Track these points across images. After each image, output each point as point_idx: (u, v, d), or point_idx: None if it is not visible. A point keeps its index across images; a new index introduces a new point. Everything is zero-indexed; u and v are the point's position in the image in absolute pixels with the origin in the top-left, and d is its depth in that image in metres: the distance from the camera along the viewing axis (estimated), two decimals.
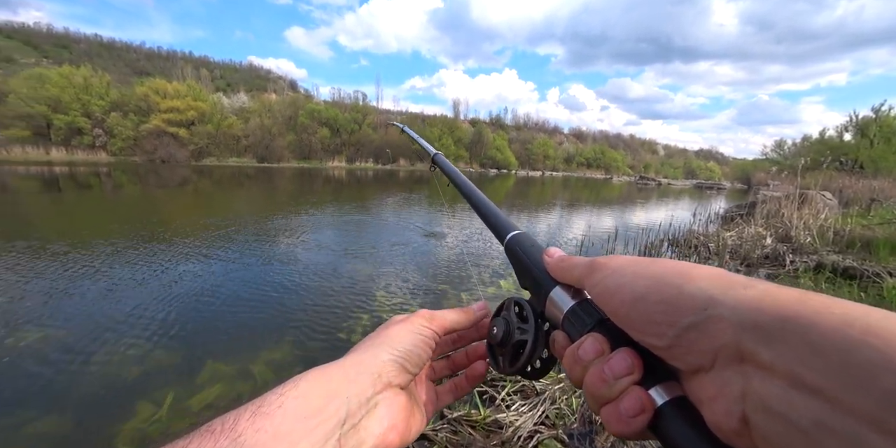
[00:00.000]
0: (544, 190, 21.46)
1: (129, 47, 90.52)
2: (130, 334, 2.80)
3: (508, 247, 0.42)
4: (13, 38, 73.57)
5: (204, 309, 3.30)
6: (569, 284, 0.32)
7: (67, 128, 28.16)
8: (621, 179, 48.49)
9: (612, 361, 0.24)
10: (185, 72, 50.07)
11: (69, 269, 4.13)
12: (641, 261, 0.27)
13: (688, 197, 22.42)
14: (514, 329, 0.35)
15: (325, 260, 4.96)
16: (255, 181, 18.13)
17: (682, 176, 70.60)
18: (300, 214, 8.43)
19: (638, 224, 9.47)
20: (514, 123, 69.21)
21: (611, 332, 0.26)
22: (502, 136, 53.00)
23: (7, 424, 1.91)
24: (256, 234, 6.22)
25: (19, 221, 6.82)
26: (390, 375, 0.31)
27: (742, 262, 5.42)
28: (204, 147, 31.90)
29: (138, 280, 3.90)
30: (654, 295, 0.23)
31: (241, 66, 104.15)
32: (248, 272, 4.31)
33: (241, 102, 40.07)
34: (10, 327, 2.82)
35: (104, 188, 12.80)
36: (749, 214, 8.44)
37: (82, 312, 3.12)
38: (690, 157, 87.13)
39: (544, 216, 10.20)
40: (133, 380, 2.29)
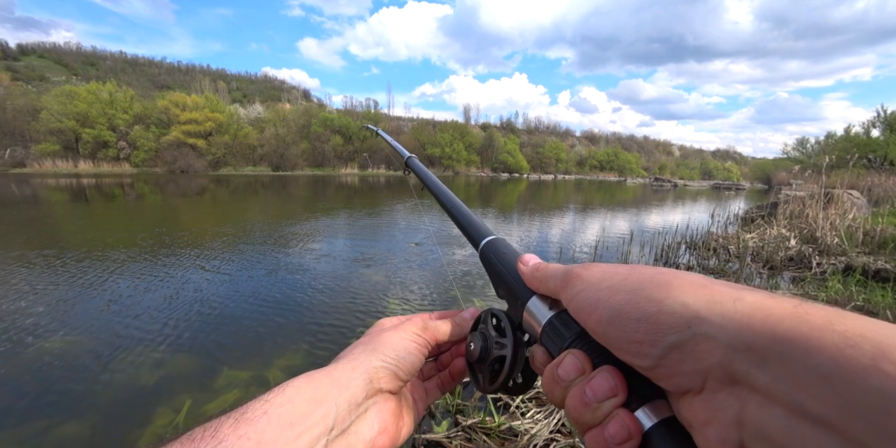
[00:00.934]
0: (556, 193, 21.26)
1: (151, 62, 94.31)
2: (150, 340, 2.87)
3: (483, 254, 0.40)
4: (45, 58, 77.77)
5: (220, 315, 3.36)
6: (545, 294, 0.30)
7: (94, 141, 29.41)
8: (635, 181, 47.66)
9: (594, 382, 0.23)
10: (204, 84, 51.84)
11: (94, 276, 4.28)
12: (619, 271, 0.25)
13: (705, 198, 21.87)
14: (491, 345, 0.33)
15: (338, 266, 5.01)
16: (270, 189, 18.52)
17: (698, 177, 69.01)
18: (313, 221, 8.56)
19: (654, 226, 9.27)
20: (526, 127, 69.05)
21: (592, 348, 0.25)
22: (513, 139, 52.89)
23: (37, 428, 1.97)
24: (271, 242, 6.33)
25: (50, 231, 7.12)
26: (382, 382, 0.31)
27: (765, 264, 5.24)
28: (221, 157, 32.81)
29: (158, 287, 4.01)
30: (632, 312, 0.21)
31: (257, 77, 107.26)
32: (262, 279, 4.38)
33: (256, 113, 41.17)
34: (38, 333, 2.93)
35: (127, 198, 13.27)
36: (771, 215, 8.17)
37: (105, 319, 3.22)
38: (707, 157, 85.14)
39: (557, 220, 10.09)
40: (152, 385, 2.34)
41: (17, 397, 2.21)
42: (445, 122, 50.12)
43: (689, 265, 5.38)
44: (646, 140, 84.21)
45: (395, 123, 48.93)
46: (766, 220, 7.81)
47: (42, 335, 2.90)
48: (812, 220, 6.26)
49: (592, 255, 5.22)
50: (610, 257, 5.73)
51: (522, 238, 7.29)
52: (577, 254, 5.95)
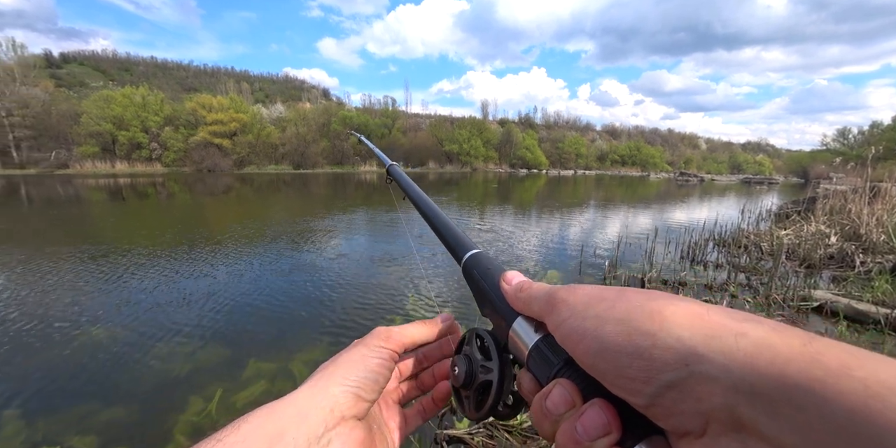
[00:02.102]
0: (576, 189, 20.83)
1: (180, 66, 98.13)
2: (182, 331, 3.01)
3: (466, 269, 0.38)
4: (85, 65, 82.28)
5: (246, 308, 3.48)
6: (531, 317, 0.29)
7: (129, 143, 30.92)
8: (659, 176, 46.10)
9: (585, 418, 0.21)
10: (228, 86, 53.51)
11: (130, 270, 4.51)
12: (605, 296, 0.23)
13: (734, 193, 20.93)
14: (476, 368, 0.31)
15: (358, 263, 5.08)
16: (291, 187, 18.99)
17: (727, 171, 66.02)
18: (334, 218, 8.72)
19: (679, 222, 8.95)
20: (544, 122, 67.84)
21: (581, 378, 0.23)
22: (532, 135, 52.11)
23: (83, 412, 2.10)
24: (294, 239, 6.49)
25: (92, 228, 7.56)
26: (343, 408, 0.28)
27: (801, 262, 4.97)
28: (245, 156, 33.85)
29: (189, 280, 4.19)
30: (623, 345, 0.20)
31: (278, 77, 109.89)
32: (286, 274, 4.50)
33: (278, 112, 42.18)
34: (81, 324, 3.12)
35: (159, 197, 13.91)
36: (808, 211, 7.73)
37: (142, 310, 3.39)
38: (736, 150, 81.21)
39: (577, 216, 9.89)
40: (185, 375, 2.45)
41: (67, 381, 2.37)
42: (463, 119, 49.89)
43: (717, 263, 5.17)
44: (670, 133, 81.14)
45: (413, 120, 49.02)
46: (803, 215, 7.40)
47: (87, 325, 3.09)
48: (856, 215, 5.88)
49: (615, 255, 5.09)
50: (633, 255, 5.57)
51: (541, 236, 7.19)
52: (599, 251, 5.81)
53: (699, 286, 4.13)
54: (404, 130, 43.70)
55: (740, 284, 4.23)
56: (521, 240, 6.66)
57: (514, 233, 7.29)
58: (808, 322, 3.29)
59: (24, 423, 2.02)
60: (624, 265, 4.92)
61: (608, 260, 4.91)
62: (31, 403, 2.17)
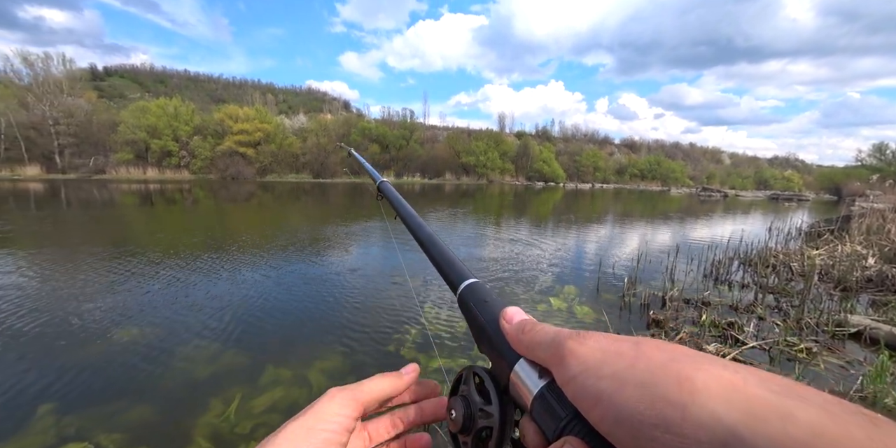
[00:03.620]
0: (594, 203, 20.56)
1: (210, 79, 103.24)
2: (204, 334, 3.09)
3: (462, 300, 0.35)
4: (125, 77, 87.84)
5: (267, 314, 3.55)
6: None
7: (160, 150, 32.45)
8: (680, 191, 45.00)
9: None
10: (254, 97, 55.86)
11: (156, 271, 4.68)
12: (622, 351, 0.21)
13: (761, 210, 20.20)
14: (475, 412, 0.29)
15: (375, 272, 5.13)
16: (311, 196, 19.44)
17: (752, 186, 63.90)
18: (352, 226, 8.85)
19: (701, 239, 8.68)
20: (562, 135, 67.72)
21: (594, 438, 0.21)
22: (549, 148, 51.99)
23: (111, 410, 2.18)
24: (313, 246, 6.62)
25: (123, 230, 7.92)
26: None
27: (837, 285, 4.72)
28: (267, 165, 34.95)
29: (211, 283, 4.31)
30: (647, 415, 0.17)
31: (301, 90, 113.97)
32: (305, 281, 4.58)
33: (300, 123, 43.60)
34: (111, 324, 3.24)
35: (185, 202, 14.48)
36: (842, 230, 7.39)
37: (166, 312, 3.51)
38: (762, 165, 78.69)
39: (594, 231, 9.73)
40: (206, 377, 2.51)
41: (98, 379, 2.46)
42: (480, 131, 50.28)
43: (743, 283, 4.97)
44: (692, 147, 79.54)
45: (431, 132, 49.75)
46: (837, 235, 7.07)
47: (116, 324, 3.21)
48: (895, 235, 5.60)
49: (634, 272, 4.97)
50: (653, 272, 5.43)
51: (557, 250, 7.10)
52: (618, 267, 5.69)
53: (724, 307, 3.98)
54: (422, 142, 44.34)
55: (768, 306, 4.05)
56: (536, 253, 6.60)
57: (530, 246, 7.23)
58: (844, 349, 3.11)
59: (56, 418, 2.10)
60: (643, 282, 4.79)
61: (627, 276, 4.79)
62: (64, 399, 2.26)
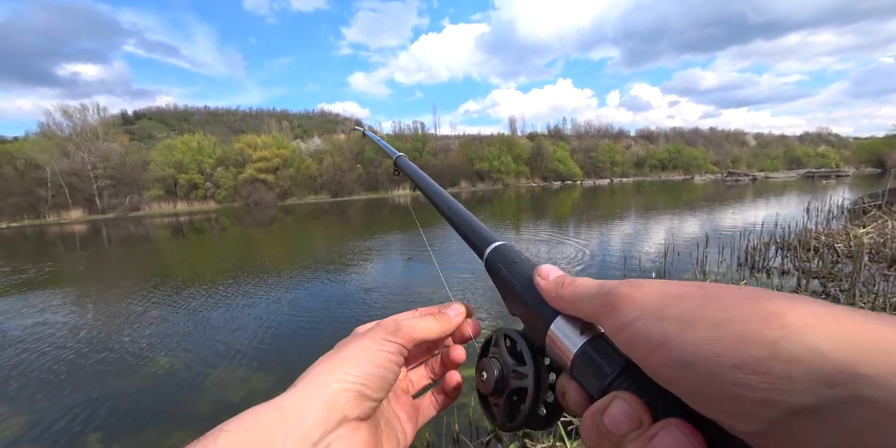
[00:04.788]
0: (614, 198, 20.04)
1: (228, 111, 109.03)
2: (235, 359, 3.17)
3: (489, 263, 0.34)
4: (152, 119, 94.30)
5: (293, 335, 3.62)
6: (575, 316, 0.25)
7: (187, 184, 34.26)
8: (704, 178, 43.28)
9: (660, 442, 0.17)
10: (270, 125, 58.32)
11: (188, 300, 4.88)
12: (687, 292, 0.19)
13: (795, 190, 19.12)
14: (508, 374, 0.28)
15: (398, 285, 5.16)
16: (330, 215, 19.91)
17: (783, 167, 60.67)
18: (371, 242, 8.97)
19: (733, 226, 8.27)
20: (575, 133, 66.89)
21: (647, 391, 0.19)
22: (563, 146, 51.40)
23: (151, 437, 2.26)
24: (335, 263, 6.74)
25: (158, 263, 8.35)
26: (345, 408, 0.25)
27: (891, 265, 4.37)
28: (287, 188, 36.17)
29: (240, 308, 4.45)
30: (726, 355, 0.15)
31: (314, 113, 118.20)
32: (330, 299, 4.65)
33: (315, 146, 45.06)
34: (150, 352, 3.39)
35: (213, 231, 15.13)
36: (890, 204, 6.88)
37: (200, 338, 3.64)
38: (792, 143, 74.64)
39: (617, 226, 9.46)
40: (239, 400, 2.57)
41: (140, 406, 2.57)
42: (492, 136, 50.39)
43: (783, 269, 4.68)
44: (712, 132, 76.59)
45: (443, 142, 50.23)
46: (885, 210, 6.59)
47: (155, 353, 3.36)
48: None
49: (662, 265, 4.77)
50: (683, 264, 5.19)
51: (580, 249, 6.92)
52: (644, 261, 5.48)
53: None
54: (434, 152, 44.82)
55: (814, 292, 3.79)
56: (559, 254, 6.46)
57: (552, 246, 7.09)
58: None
59: (104, 446, 2.19)
60: (673, 275, 4.59)
61: (655, 270, 4.61)
62: (110, 427, 2.37)
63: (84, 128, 34.58)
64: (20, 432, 2.38)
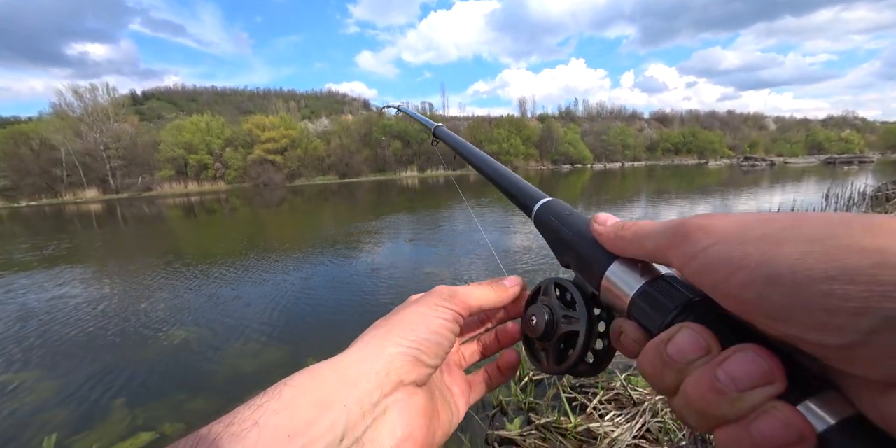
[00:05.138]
0: (624, 183, 19.70)
1: (236, 92, 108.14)
2: (248, 333, 3.28)
3: (539, 218, 0.34)
4: (161, 99, 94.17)
5: (304, 311, 3.71)
6: (632, 258, 0.25)
7: (197, 164, 34.53)
8: (719, 163, 42.10)
9: (733, 364, 0.16)
10: (278, 106, 57.83)
11: (202, 277, 5.01)
12: (774, 216, 0.18)
13: (814, 176, 18.53)
14: (558, 318, 0.29)
15: (407, 265, 5.22)
16: (338, 196, 19.97)
17: (803, 152, 58.61)
18: (380, 223, 9.02)
19: (748, 211, 8.09)
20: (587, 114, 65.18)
21: (714, 321, 0.19)
22: (574, 129, 50.23)
23: (171, 404, 2.38)
24: (343, 244, 6.81)
25: (171, 241, 8.55)
26: (401, 372, 0.25)
27: None
28: (295, 169, 36.24)
29: (252, 285, 4.56)
30: (819, 268, 0.14)
31: (322, 93, 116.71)
32: (337, 278, 4.73)
33: (323, 126, 44.73)
34: (167, 326, 3.52)
35: (223, 211, 15.34)
36: None
37: (214, 314, 3.75)
38: (815, 127, 71.67)
39: (627, 211, 9.34)
40: (252, 372, 2.67)
41: (160, 376, 2.70)
42: (501, 118, 49.34)
43: None
44: (730, 115, 73.76)
45: (451, 123, 49.45)
46: None
47: (172, 326, 3.49)
48: None
49: None
50: None
51: None
52: None
53: None
54: None
55: None
56: None
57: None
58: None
59: (128, 410, 2.33)
60: None
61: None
62: (133, 394, 2.50)
63: (95, 108, 34.70)
64: (49, 397, 2.52)
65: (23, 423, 2.27)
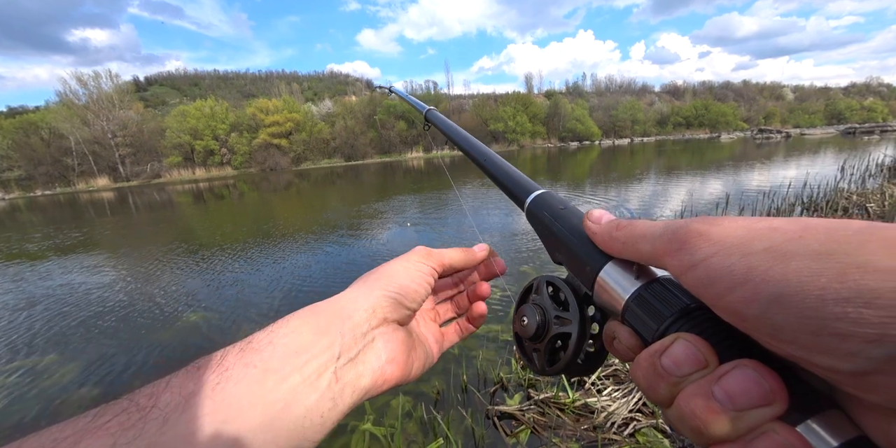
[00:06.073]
0: (634, 159, 19.26)
1: (238, 75, 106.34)
2: (255, 316, 3.40)
3: (531, 212, 0.33)
4: (164, 85, 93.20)
5: (311, 293, 3.82)
6: (628, 260, 0.24)
7: (204, 150, 34.59)
8: (732, 136, 40.70)
9: (732, 382, 0.16)
10: (280, 88, 56.92)
11: (213, 261, 5.15)
12: (778, 224, 0.16)
13: (833, 147, 17.87)
14: (550, 319, 0.28)
15: (409, 247, 5.28)
16: (344, 179, 19.97)
17: (822, 122, 56.16)
18: (383, 206, 9.05)
19: (757, 186, 7.92)
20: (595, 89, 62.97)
21: (713, 332, 0.18)
22: (582, 104, 48.73)
23: None
24: (348, 227, 6.89)
25: (183, 227, 8.73)
26: (385, 310, 0.30)
27: None
28: (301, 153, 36.12)
29: (262, 268, 4.68)
30: (831, 288, 0.13)
31: (324, 75, 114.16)
32: (345, 262, 4.83)
33: (326, 109, 44.06)
34: (179, 311, 3.67)
35: (232, 197, 15.50)
36: None
37: (224, 297, 3.89)
38: (835, 96, 68.25)
39: (635, 189, 9.19)
40: None
41: (172, 357, 2.84)
42: (506, 95, 47.94)
43: None
44: (745, 85, 70.41)
45: (456, 102, 48.30)
46: None
47: (184, 310, 3.63)
48: None
49: None
50: None
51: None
52: None
53: None
54: (448, 113, 43.29)
55: None
56: None
57: None
58: None
59: None
60: None
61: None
62: (149, 376, 2.64)
63: (100, 96, 34.58)
64: (70, 377, 2.69)
65: (47, 403, 2.44)
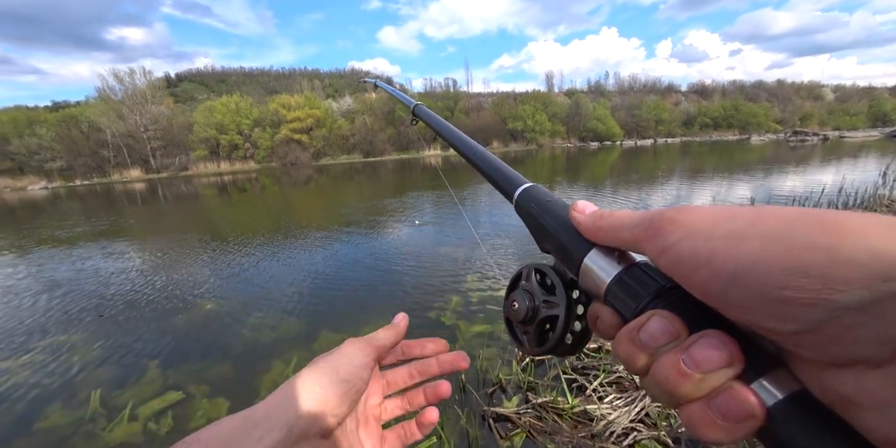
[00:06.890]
0: (657, 161, 18.65)
1: (262, 72, 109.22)
2: (266, 306, 3.48)
3: (519, 205, 0.35)
4: (193, 82, 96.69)
5: (319, 287, 3.87)
6: (610, 246, 0.26)
7: (229, 145, 35.68)
8: (763, 138, 38.81)
9: (698, 350, 0.18)
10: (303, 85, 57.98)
11: (232, 252, 5.30)
12: (739, 213, 0.19)
13: (875, 152, 16.80)
14: (539, 303, 0.30)
15: (426, 244, 5.28)
16: (363, 175, 20.20)
17: (865, 124, 52.78)
18: (399, 203, 9.10)
19: (790, 191, 7.53)
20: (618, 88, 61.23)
21: (683, 307, 0.20)
22: (603, 104, 47.50)
23: (197, 368, 2.59)
24: (368, 222, 6.95)
25: (206, 219, 9.04)
26: (304, 426, 0.27)
27: None
28: (321, 149, 36.76)
29: (277, 261, 4.78)
30: (778, 262, 0.16)
31: (345, 72, 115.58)
32: (361, 254, 4.88)
33: (346, 105, 44.61)
34: (195, 299, 3.79)
35: (254, 190, 15.94)
36: None
37: (239, 287, 3.99)
38: (881, 96, 63.85)
39: (657, 191, 8.90)
40: (270, 342, 2.85)
41: (189, 342, 2.94)
42: (526, 93, 47.24)
43: None
44: (780, 85, 66.63)
45: (475, 100, 47.90)
46: None
47: (200, 298, 3.75)
48: None
49: None
50: None
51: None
52: None
53: None
54: (466, 111, 43.09)
55: None
56: None
57: None
58: None
59: (161, 371, 2.58)
60: None
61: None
62: (165, 357, 2.75)
63: (134, 91, 36.13)
64: (95, 357, 2.82)
65: (73, 380, 2.56)
